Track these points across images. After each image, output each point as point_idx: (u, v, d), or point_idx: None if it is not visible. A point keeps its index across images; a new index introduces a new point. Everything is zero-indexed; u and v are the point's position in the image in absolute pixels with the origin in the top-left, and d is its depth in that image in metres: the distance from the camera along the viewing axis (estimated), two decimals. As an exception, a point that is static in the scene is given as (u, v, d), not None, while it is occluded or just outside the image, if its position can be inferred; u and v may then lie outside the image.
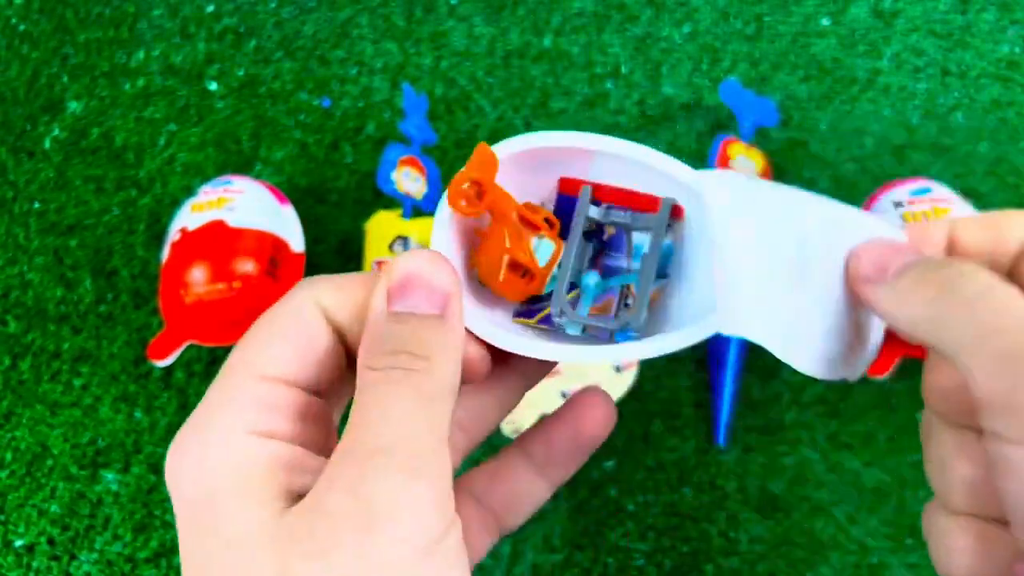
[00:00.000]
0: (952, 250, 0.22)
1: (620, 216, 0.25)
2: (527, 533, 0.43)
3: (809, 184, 0.53)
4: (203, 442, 0.19)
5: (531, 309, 0.26)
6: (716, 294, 0.23)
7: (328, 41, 0.60)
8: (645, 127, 0.55)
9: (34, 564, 0.44)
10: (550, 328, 0.25)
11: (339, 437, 0.19)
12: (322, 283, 0.20)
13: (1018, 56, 0.56)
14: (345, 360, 0.21)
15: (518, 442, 0.26)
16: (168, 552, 0.44)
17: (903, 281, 0.20)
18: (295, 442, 0.19)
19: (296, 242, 0.48)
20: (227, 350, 0.49)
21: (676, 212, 0.25)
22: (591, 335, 0.25)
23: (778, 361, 0.38)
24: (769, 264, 0.23)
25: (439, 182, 0.52)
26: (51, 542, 0.45)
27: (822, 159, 0.54)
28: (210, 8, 0.62)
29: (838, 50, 0.57)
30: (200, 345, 0.47)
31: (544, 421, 0.26)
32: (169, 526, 0.45)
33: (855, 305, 0.23)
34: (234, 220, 0.46)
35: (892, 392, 0.46)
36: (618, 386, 0.44)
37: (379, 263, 0.48)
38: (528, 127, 0.56)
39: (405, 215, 0.49)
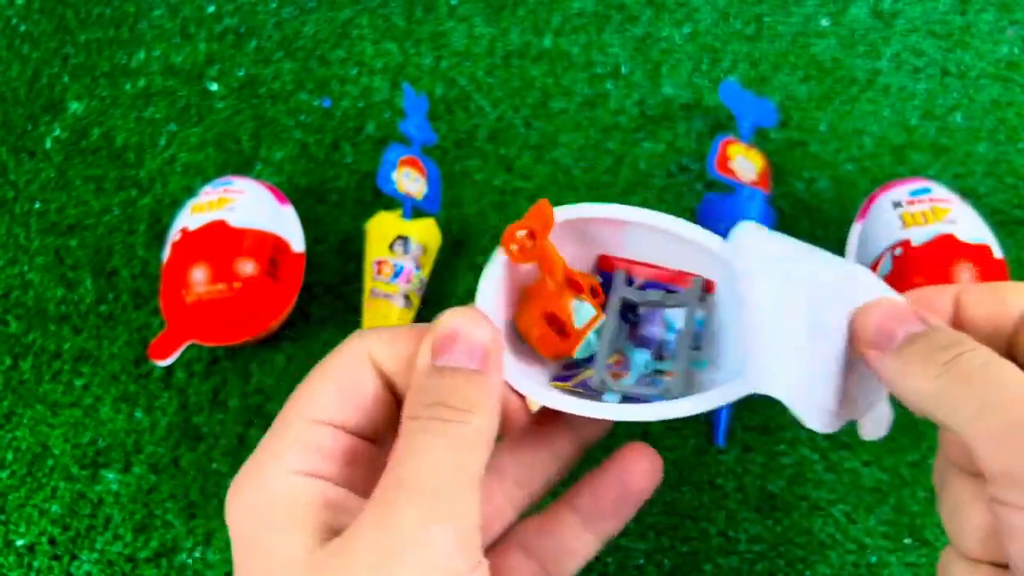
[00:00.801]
0: (957, 316, 0.23)
1: (653, 295, 0.28)
2: (527, 533, 0.44)
3: (808, 184, 0.53)
4: (256, 484, 0.21)
5: (567, 375, 0.28)
6: (745, 356, 0.25)
7: (328, 41, 0.60)
8: (645, 127, 0.56)
9: (35, 564, 0.44)
10: (586, 391, 0.26)
11: None
12: (374, 335, 0.22)
13: (1017, 57, 0.57)
14: (395, 408, 0.22)
15: (566, 495, 0.27)
16: (168, 552, 0.44)
17: (907, 353, 0.22)
18: (341, 483, 0.21)
19: (296, 242, 0.49)
20: (228, 350, 0.49)
21: (707, 286, 0.28)
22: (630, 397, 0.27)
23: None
24: (788, 325, 0.25)
25: (439, 182, 0.52)
26: (52, 542, 0.45)
27: (821, 159, 0.54)
28: (210, 8, 0.62)
29: (838, 50, 0.58)
30: (201, 345, 0.47)
31: (591, 475, 0.26)
32: (170, 526, 0.45)
33: (858, 359, 0.25)
34: (234, 220, 0.46)
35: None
36: None
37: (379, 263, 0.48)
38: (528, 127, 0.56)
39: (405, 215, 0.49)
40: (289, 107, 0.58)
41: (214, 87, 0.59)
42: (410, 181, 0.50)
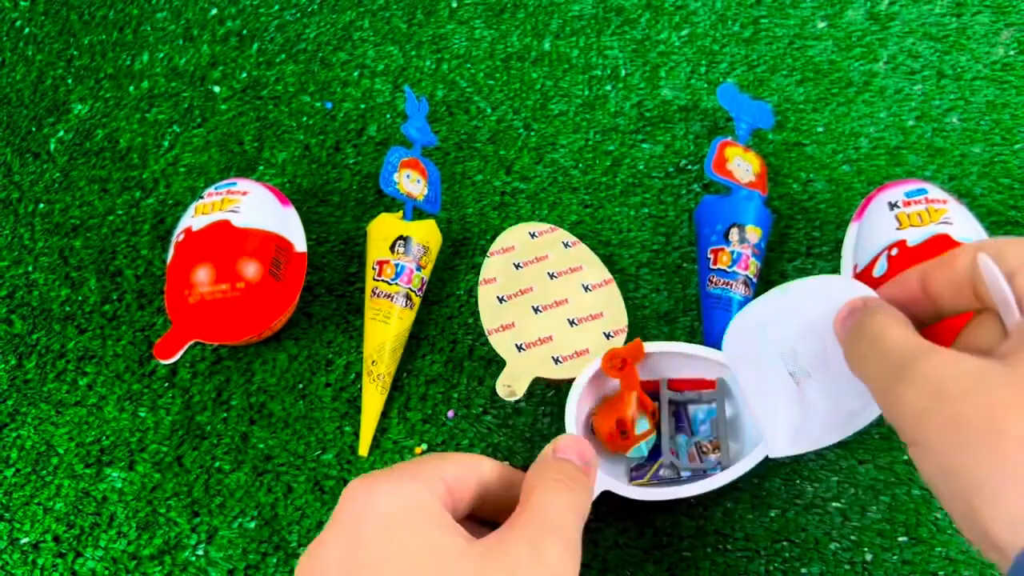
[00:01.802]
0: (925, 290, 0.30)
1: (691, 395, 0.44)
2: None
3: (805, 186, 0.53)
4: (406, 491, 0.27)
5: (639, 475, 0.42)
6: (759, 430, 0.40)
7: (330, 44, 0.61)
8: (643, 129, 0.56)
9: (40, 561, 0.45)
10: (660, 481, 0.42)
11: None
12: (484, 464, 0.31)
13: (1012, 59, 0.57)
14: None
15: None
16: (172, 549, 0.45)
17: (848, 339, 0.31)
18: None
19: (299, 243, 0.49)
20: (231, 349, 0.49)
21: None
22: (689, 476, 0.42)
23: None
24: (769, 400, 0.39)
25: (440, 184, 0.53)
26: (56, 540, 0.45)
27: (818, 161, 0.54)
28: (213, 11, 0.62)
29: (834, 53, 0.58)
30: (204, 344, 0.48)
31: None
32: (173, 523, 0.45)
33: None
34: (238, 221, 0.47)
35: (887, 391, 0.46)
36: (604, 351, 0.45)
37: (380, 263, 0.48)
38: (528, 129, 0.56)
39: (406, 216, 0.50)
40: (291, 109, 0.58)
41: (217, 89, 0.59)
42: (411, 182, 0.50)
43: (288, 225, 0.49)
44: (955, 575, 0.42)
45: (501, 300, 0.47)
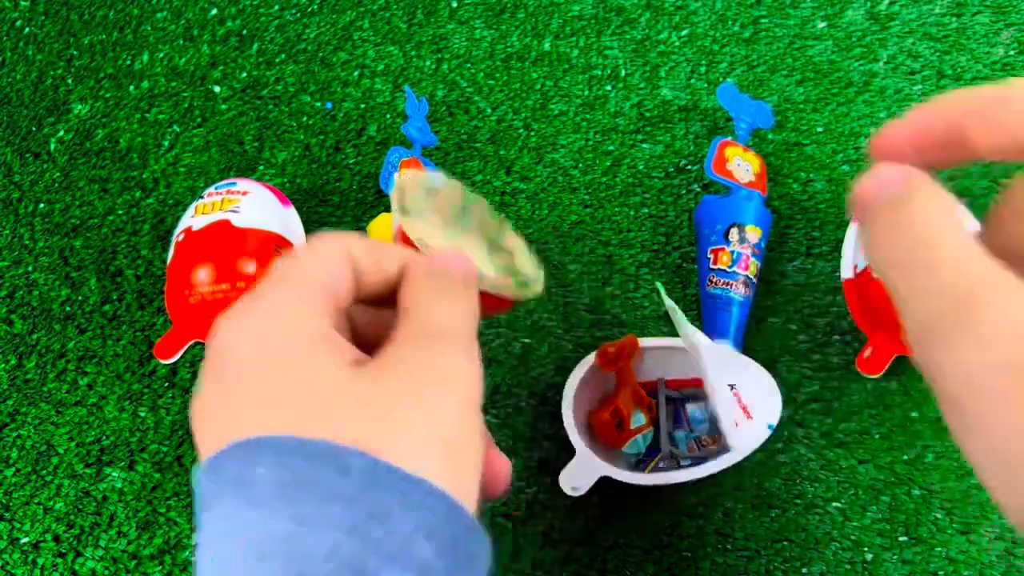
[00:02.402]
0: (960, 143, 0.22)
1: (686, 393, 0.46)
2: (527, 529, 0.44)
3: (805, 186, 0.53)
4: (278, 313, 0.22)
5: (639, 469, 0.43)
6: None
7: (330, 44, 0.61)
8: (643, 129, 0.56)
9: (40, 561, 0.45)
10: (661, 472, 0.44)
11: None
12: (350, 237, 0.25)
13: (1012, 59, 0.57)
14: (352, 294, 0.25)
15: None
16: (172, 549, 0.45)
17: (871, 226, 0.22)
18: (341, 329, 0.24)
19: (299, 243, 0.49)
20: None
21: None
22: (689, 464, 0.43)
23: (773, 361, 0.41)
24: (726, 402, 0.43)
25: (440, 184, 0.53)
26: (56, 539, 0.45)
27: (818, 161, 0.54)
28: (213, 12, 0.62)
29: (834, 53, 0.58)
30: (205, 344, 0.48)
31: None
32: (173, 523, 0.45)
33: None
34: (238, 221, 0.47)
35: (886, 391, 0.47)
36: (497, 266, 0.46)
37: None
38: (528, 129, 0.56)
39: (406, 216, 0.50)
40: (292, 109, 0.58)
41: (217, 89, 0.59)
42: (411, 182, 0.50)
43: (289, 225, 0.49)
44: (955, 575, 0.42)
45: None
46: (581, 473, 0.41)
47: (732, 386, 0.42)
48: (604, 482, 0.41)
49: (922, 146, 0.23)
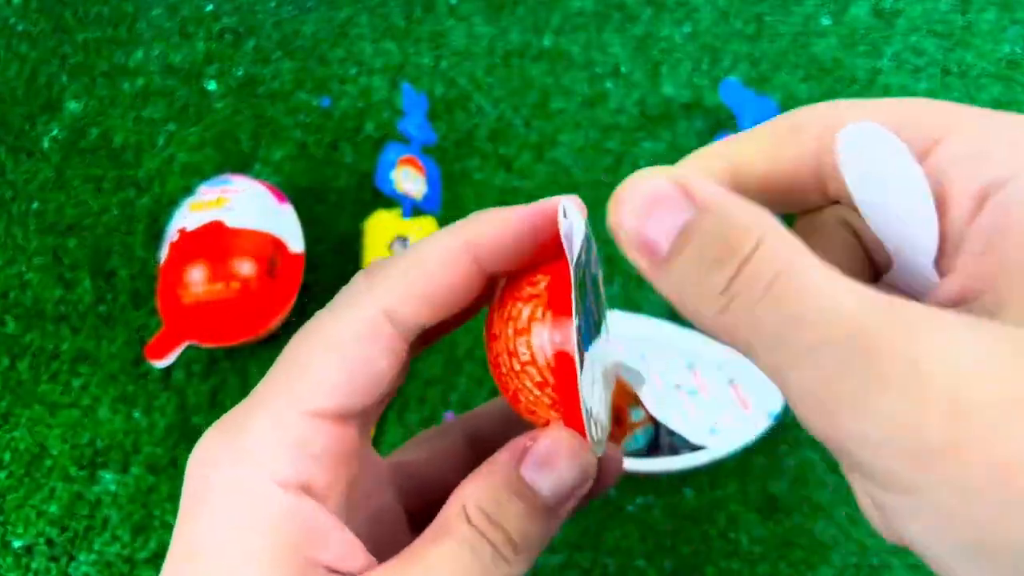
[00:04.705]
0: (737, 184, 0.17)
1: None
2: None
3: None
4: (231, 481, 0.17)
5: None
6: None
7: (327, 41, 0.60)
8: (645, 127, 0.55)
9: (33, 565, 0.44)
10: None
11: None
12: (390, 285, 0.17)
13: (1018, 56, 0.56)
14: (396, 371, 0.18)
15: None
16: (167, 553, 0.44)
17: (676, 270, 0.15)
18: (324, 494, 0.17)
19: (295, 242, 0.48)
20: (227, 351, 0.49)
21: None
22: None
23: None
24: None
25: (439, 182, 0.52)
26: (50, 543, 0.45)
27: (822, 159, 0.53)
28: (209, 8, 0.62)
29: (838, 50, 0.57)
30: (199, 346, 0.47)
31: None
32: (168, 527, 0.45)
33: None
34: (233, 220, 0.46)
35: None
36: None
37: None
38: (528, 127, 0.56)
39: (405, 215, 0.49)
40: (288, 107, 0.57)
41: (213, 87, 0.59)
42: (409, 180, 0.49)
43: (285, 224, 0.48)
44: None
45: None
46: None
47: (731, 381, 0.42)
48: None
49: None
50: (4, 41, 0.61)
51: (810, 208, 0.17)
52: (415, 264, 0.17)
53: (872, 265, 0.17)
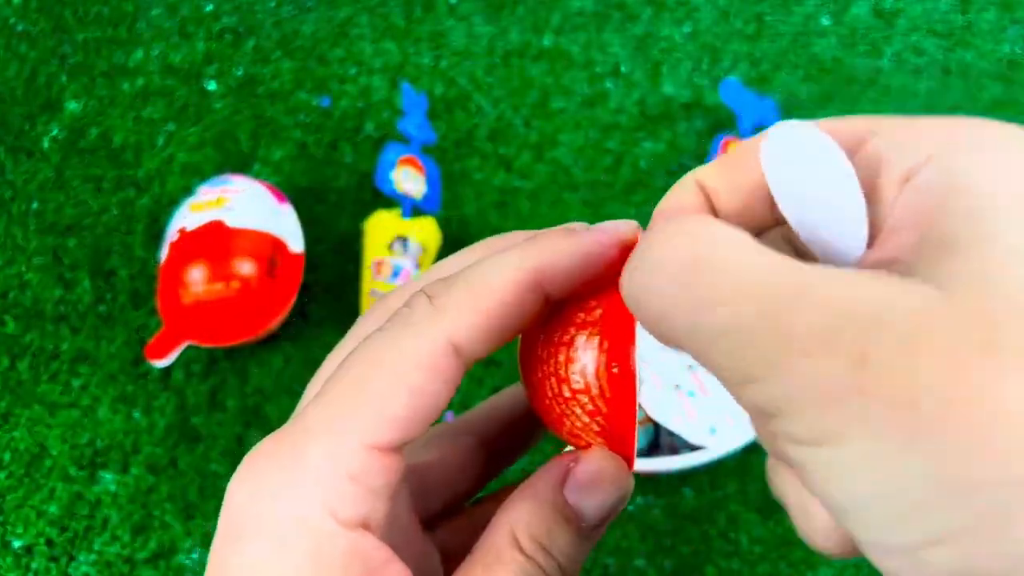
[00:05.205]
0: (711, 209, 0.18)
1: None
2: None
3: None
4: (285, 516, 0.16)
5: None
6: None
7: (327, 40, 0.60)
8: (645, 126, 0.55)
9: (33, 565, 0.44)
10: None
11: None
12: (457, 314, 0.17)
13: (1018, 56, 0.56)
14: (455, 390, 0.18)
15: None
16: (166, 553, 0.44)
17: (639, 289, 0.15)
18: (379, 526, 0.16)
19: (295, 242, 0.48)
20: (226, 351, 0.49)
21: None
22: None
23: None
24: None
25: (439, 182, 0.52)
26: (49, 543, 0.45)
27: (822, 159, 0.53)
28: (209, 8, 0.62)
29: (839, 50, 0.57)
30: (199, 346, 0.47)
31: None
32: (168, 527, 0.45)
33: None
34: (233, 220, 0.46)
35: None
36: None
37: (378, 262, 0.48)
38: (528, 126, 0.56)
39: (405, 214, 0.49)
40: (288, 106, 0.57)
41: (212, 86, 0.59)
42: (409, 180, 0.49)
43: (284, 224, 0.48)
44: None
45: None
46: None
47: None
48: None
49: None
50: (4, 41, 0.61)
51: (766, 228, 0.17)
52: (484, 293, 0.17)
53: None
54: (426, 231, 0.49)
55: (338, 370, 0.16)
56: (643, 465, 0.41)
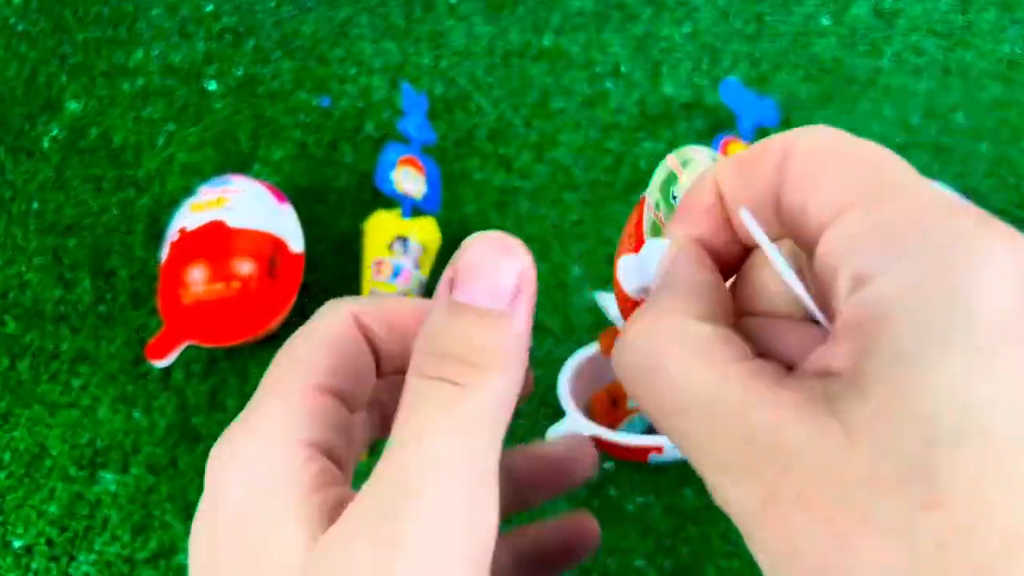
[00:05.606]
0: (724, 207, 0.17)
1: None
2: (527, 534, 0.43)
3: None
4: (256, 444, 0.17)
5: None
6: None
7: (327, 40, 0.60)
8: (645, 127, 0.55)
9: (33, 565, 0.44)
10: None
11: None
12: (355, 299, 0.20)
13: (1018, 56, 0.56)
14: (375, 371, 0.20)
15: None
16: (167, 553, 0.44)
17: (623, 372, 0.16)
18: (333, 457, 0.18)
19: (295, 242, 0.48)
20: (226, 351, 0.49)
21: None
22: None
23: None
24: None
25: (439, 182, 0.52)
26: (50, 543, 0.45)
27: (822, 159, 0.53)
28: (209, 8, 0.62)
29: (839, 50, 0.57)
30: (199, 346, 0.47)
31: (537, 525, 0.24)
32: (168, 527, 0.45)
33: None
34: (233, 220, 0.46)
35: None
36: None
37: (378, 263, 0.48)
38: (528, 126, 0.56)
39: (405, 214, 0.49)
40: (288, 106, 0.57)
41: (212, 86, 0.59)
42: (409, 180, 0.49)
43: (285, 224, 0.48)
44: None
45: None
46: (570, 432, 0.41)
47: None
48: (605, 483, 0.41)
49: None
50: (4, 41, 0.61)
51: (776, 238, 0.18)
52: (375, 296, 0.21)
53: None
54: (426, 231, 0.49)
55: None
56: (641, 440, 0.41)
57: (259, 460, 0.17)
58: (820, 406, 0.13)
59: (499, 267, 0.17)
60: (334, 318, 0.19)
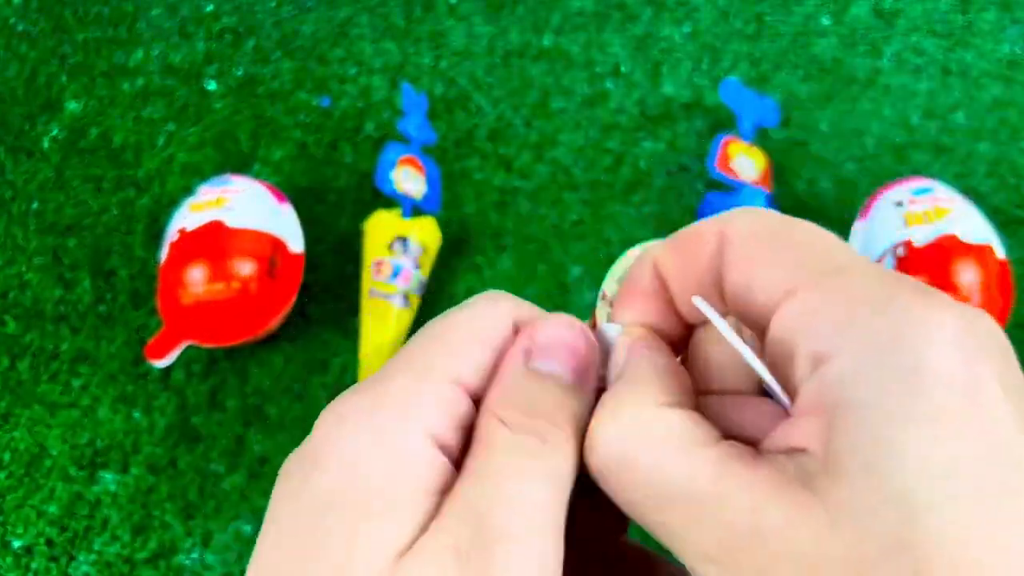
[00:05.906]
0: (664, 289, 0.18)
1: None
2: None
3: (810, 184, 0.53)
4: (391, 422, 0.16)
5: None
6: None
7: (327, 40, 0.60)
8: (645, 126, 0.55)
9: (33, 565, 0.44)
10: None
11: None
12: (515, 300, 0.19)
13: (1018, 56, 0.56)
14: None
15: None
16: (167, 553, 0.44)
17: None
18: (455, 461, 0.17)
19: (295, 242, 0.48)
20: (226, 351, 0.49)
21: None
22: None
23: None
24: None
25: (439, 182, 0.52)
26: (49, 543, 0.45)
27: (822, 159, 0.53)
28: (209, 8, 0.62)
29: (839, 50, 0.57)
30: (199, 346, 0.47)
31: None
32: (168, 527, 0.45)
33: None
34: (233, 220, 0.46)
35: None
36: None
37: (378, 263, 0.48)
38: (528, 126, 0.56)
39: (405, 215, 0.49)
40: (288, 106, 0.57)
41: (212, 86, 0.59)
42: (409, 180, 0.49)
43: (284, 224, 0.48)
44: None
45: None
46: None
47: None
48: None
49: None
50: (4, 41, 0.61)
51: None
52: (532, 305, 0.19)
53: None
54: (426, 231, 0.49)
55: (413, 337, 0.18)
56: None
57: (390, 439, 0.16)
58: (796, 485, 0.14)
59: (575, 342, 0.18)
60: (497, 317, 0.18)
